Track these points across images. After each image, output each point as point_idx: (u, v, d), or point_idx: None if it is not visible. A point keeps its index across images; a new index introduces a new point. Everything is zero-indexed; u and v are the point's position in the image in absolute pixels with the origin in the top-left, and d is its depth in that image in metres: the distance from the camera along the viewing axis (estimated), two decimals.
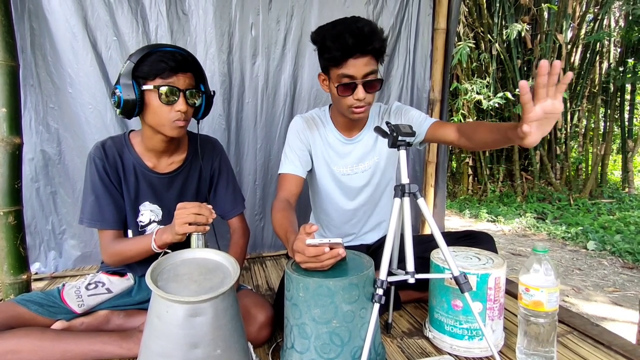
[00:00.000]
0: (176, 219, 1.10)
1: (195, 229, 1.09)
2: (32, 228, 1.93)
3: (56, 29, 1.79)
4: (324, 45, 1.27)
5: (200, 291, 0.92)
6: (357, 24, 1.24)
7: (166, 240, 1.16)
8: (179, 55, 1.18)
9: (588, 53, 5.08)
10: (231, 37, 2.01)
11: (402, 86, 2.31)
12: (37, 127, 1.85)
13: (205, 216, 1.10)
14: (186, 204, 1.11)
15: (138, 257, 1.23)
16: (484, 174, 5.26)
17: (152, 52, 1.16)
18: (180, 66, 1.17)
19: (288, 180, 1.43)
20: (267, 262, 2.15)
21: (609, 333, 1.27)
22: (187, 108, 1.19)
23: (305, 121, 1.50)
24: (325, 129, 1.50)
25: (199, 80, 1.27)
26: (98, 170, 1.25)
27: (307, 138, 1.49)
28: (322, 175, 1.53)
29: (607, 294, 2.48)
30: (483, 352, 1.17)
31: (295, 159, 1.46)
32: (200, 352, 0.91)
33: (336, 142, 1.50)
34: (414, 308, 1.52)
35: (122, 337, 1.19)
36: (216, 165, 1.43)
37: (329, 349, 1.00)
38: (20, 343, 1.10)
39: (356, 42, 1.22)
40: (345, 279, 0.99)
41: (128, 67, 1.14)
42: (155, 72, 1.15)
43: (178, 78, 1.17)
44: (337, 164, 1.51)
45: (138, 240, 1.24)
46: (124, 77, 1.14)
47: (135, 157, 1.30)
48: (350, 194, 1.55)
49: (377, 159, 1.51)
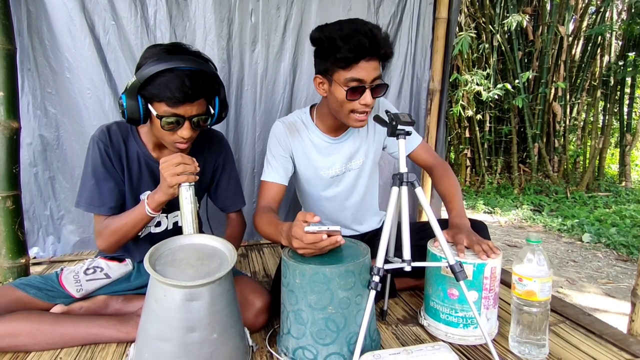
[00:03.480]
0: (164, 172, 1.07)
1: (186, 179, 1.08)
2: (31, 213, 1.93)
3: (53, 12, 1.76)
4: (333, 45, 1.19)
5: (197, 276, 0.93)
6: (368, 26, 1.19)
7: (159, 200, 1.12)
8: (189, 83, 1.06)
9: (589, 46, 5.06)
10: (231, 23, 1.99)
11: (402, 76, 2.30)
12: (35, 112, 1.84)
13: (192, 164, 1.09)
14: (168, 157, 1.09)
15: (134, 231, 1.19)
16: (482, 165, 5.27)
17: (160, 73, 1.06)
18: (189, 97, 1.08)
19: (270, 189, 1.40)
20: (265, 249, 2.17)
21: (600, 322, 1.29)
22: (191, 134, 1.14)
23: (287, 127, 1.43)
24: (308, 132, 1.44)
25: (211, 99, 1.19)
26: (101, 155, 1.21)
27: (288, 144, 1.43)
28: (308, 181, 1.49)
29: (600, 286, 2.51)
30: (477, 340, 1.19)
31: (278, 166, 1.41)
32: (197, 335, 0.92)
33: (322, 144, 1.44)
34: (409, 296, 1.54)
35: (120, 321, 1.21)
36: (220, 160, 1.41)
37: (324, 335, 1.02)
38: (19, 326, 1.11)
39: (371, 44, 1.17)
40: (342, 266, 1.00)
41: (134, 85, 1.08)
42: (160, 98, 1.08)
43: (185, 108, 1.10)
44: (324, 168, 1.46)
45: (130, 212, 1.19)
46: (129, 93, 1.09)
47: (140, 146, 1.27)
48: (341, 195, 1.52)
49: (366, 152, 1.49)
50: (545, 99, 4.90)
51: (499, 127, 5.21)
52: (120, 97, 1.11)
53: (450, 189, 1.40)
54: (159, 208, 1.16)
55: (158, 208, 1.15)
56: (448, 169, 1.48)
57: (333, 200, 1.53)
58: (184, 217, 1.10)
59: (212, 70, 1.15)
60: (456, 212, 1.33)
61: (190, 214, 1.10)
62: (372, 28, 1.20)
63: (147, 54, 1.11)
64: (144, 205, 1.15)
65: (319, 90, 1.33)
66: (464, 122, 5.26)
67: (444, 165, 1.50)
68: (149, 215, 1.15)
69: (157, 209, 1.15)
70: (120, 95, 1.12)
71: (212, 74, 1.15)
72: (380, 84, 1.26)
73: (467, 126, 5.29)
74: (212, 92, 1.17)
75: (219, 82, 1.20)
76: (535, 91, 4.97)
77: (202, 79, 1.10)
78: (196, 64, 1.10)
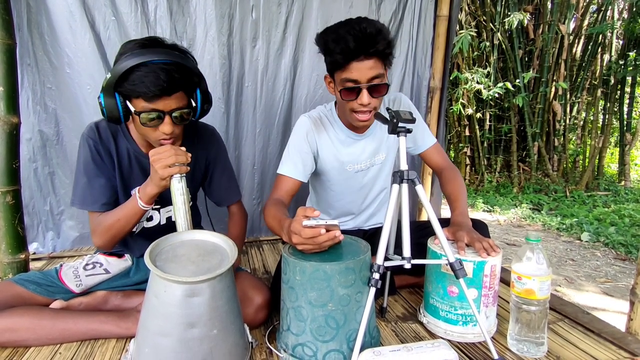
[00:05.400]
0: (155, 164, 1.05)
1: (178, 170, 1.07)
2: (30, 208, 1.93)
3: (53, 7, 1.76)
4: (327, 48, 1.23)
5: (198, 272, 0.93)
6: (361, 24, 1.18)
7: (151, 192, 1.11)
8: (164, 76, 1.03)
9: (590, 45, 5.05)
10: (231, 19, 1.99)
11: (403, 73, 2.30)
12: (35, 107, 1.83)
13: (184, 155, 1.08)
14: (158, 149, 1.07)
15: (129, 226, 1.18)
16: (482, 164, 5.27)
17: (134, 67, 1.03)
18: (165, 91, 1.05)
19: (286, 183, 1.38)
20: (264, 245, 2.17)
21: (599, 321, 1.30)
22: (173, 129, 1.11)
23: (313, 122, 1.42)
24: (334, 129, 1.45)
25: (192, 92, 1.16)
26: (91, 151, 1.20)
27: (314, 140, 1.42)
28: (333, 177, 1.49)
29: (598, 285, 2.52)
30: (476, 338, 1.19)
31: (299, 162, 1.39)
32: (197, 331, 0.92)
33: (347, 140, 1.45)
34: (408, 293, 1.54)
35: (120, 317, 1.21)
36: (213, 154, 1.39)
37: (324, 332, 1.02)
38: (19, 321, 1.11)
39: (358, 44, 1.17)
40: (342, 263, 1.00)
41: (110, 81, 1.05)
42: (137, 94, 1.05)
43: (164, 102, 1.06)
44: (350, 162, 1.47)
45: (122, 207, 1.18)
46: (106, 91, 1.06)
47: (130, 141, 1.26)
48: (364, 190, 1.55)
49: (388, 147, 1.51)
50: (545, 97, 4.89)
51: (499, 125, 5.21)
52: (99, 96, 1.09)
53: (456, 191, 1.41)
54: (151, 201, 1.14)
55: (150, 201, 1.14)
56: (457, 173, 1.49)
57: (357, 194, 1.55)
58: (177, 209, 1.10)
59: (189, 63, 1.12)
60: (459, 212, 1.34)
61: (183, 204, 1.10)
62: (366, 26, 1.18)
63: (123, 50, 1.09)
64: (136, 199, 1.13)
65: (329, 89, 1.36)
66: (464, 121, 5.26)
67: (453, 169, 1.51)
68: (142, 208, 1.14)
69: (149, 202, 1.14)
70: (99, 94, 1.09)
71: (189, 67, 1.11)
72: (379, 84, 1.24)
73: (467, 124, 5.29)
74: (191, 84, 1.13)
75: (197, 74, 1.16)
76: (536, 90, 4.97)
77: (177, 71, 1.06)
78: (171, 56, 1.06)
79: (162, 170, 1.05)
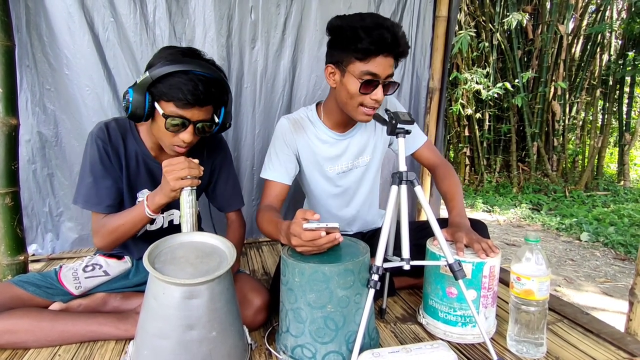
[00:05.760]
0: (168, 175, 1.06)
1: (190, 183, 1.07)
2: (29, 210, 1.93)
3: (52, 8, 1.75)
4: (355, 35, 1.17)
5: (196, 274, 0.93)
6: (388, 22, 1.19)
7: (160, 202, 1.11)
8: (202, 87, 1.08)
9: (589, 45, 5.06)
10: (230, 20, 1.99)
11: (403, 74, 2.30)
12: (34, 109, 1.83)
13: (197, 168, 1.09)
14: (172, 159, 1.08)
15: (133, 231, 1.19)
16: (481, 164, 5.28)
17: (174, 73, 1.07)
18: (199, 101, 1.09)
19: (273, 188, 1.39)
20: (263, 247, 2.17)
21: (598, 321, 1.30)
22: (192, 139, 1.14)
23: (292, 123, 1.42)
24: (314, 128, 1.43)
25: (218, 108, 1.20)
26: (99, 152, 1.20)
27: (293, 141, 1.41)
28: (314, 178, 1.48)
29: (598, 285, 2.52)
30: (475, 339, 1.19)
31: (280, 165, 1.40)
32: (196, 333, 0.92)
33: (329, 140, 1.43)
34: (407, 294, 1.54)
35: (119, 319, 1.21)
36: (218, 161, 1.40)
37: (323, 333, 1.02)
38: (18, 323, 1.11)
39: (392, 39, 1.17)
40: (341, 265, 1.00)
41: (145, 81, 1.08)
42: (169, 98, 1.08)
43: (193, 111, 1.10)
44: (330, 164, 1.46)
45: (129, 212, 1.18)
46: (138, 88, 1.09)
47: (139, 144, 1.26)
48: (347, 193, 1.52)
49: (373, 150, 1.49)
50: (544, 97, 4.90)
51: (498, 125, 5.22)
52: (127, 91, 1.11)
53: (452, 189, 1.41)
54: (159, 210, 1.15)
55: (158, 210, 1.15)
56: (451, 169, 1.48)
57: (339, 198, 1.53)
58: (185, 221, 1.10)
59: (225, 80, 1.16)
60: (457, 212, 1.34)
61: (191, 217, 1.10)
62: (393, 24, 1.20)
63: (162, 54, 1.12)
64: (144, 206, 1.14)
65: (328, 80, 1.32)
66: (463, 121, 5.26)
67: (447, 166, 1.50)
68: (148, 216, 1.15)
69: (156, 211, 1.15)
70: (127, 89, 1.11)
71: (225, 84, 1.16)
72: (392, 81, 1.26)
73: (466, 125, 5.29)
74: (221, 101, 1.18)
75: (228, 92, 1.20)
76: (535, 90, 4.97)
77: (215, 86, 1.11)
78: (211, 70, 1.11)
79: (174, 181, 1.06)
